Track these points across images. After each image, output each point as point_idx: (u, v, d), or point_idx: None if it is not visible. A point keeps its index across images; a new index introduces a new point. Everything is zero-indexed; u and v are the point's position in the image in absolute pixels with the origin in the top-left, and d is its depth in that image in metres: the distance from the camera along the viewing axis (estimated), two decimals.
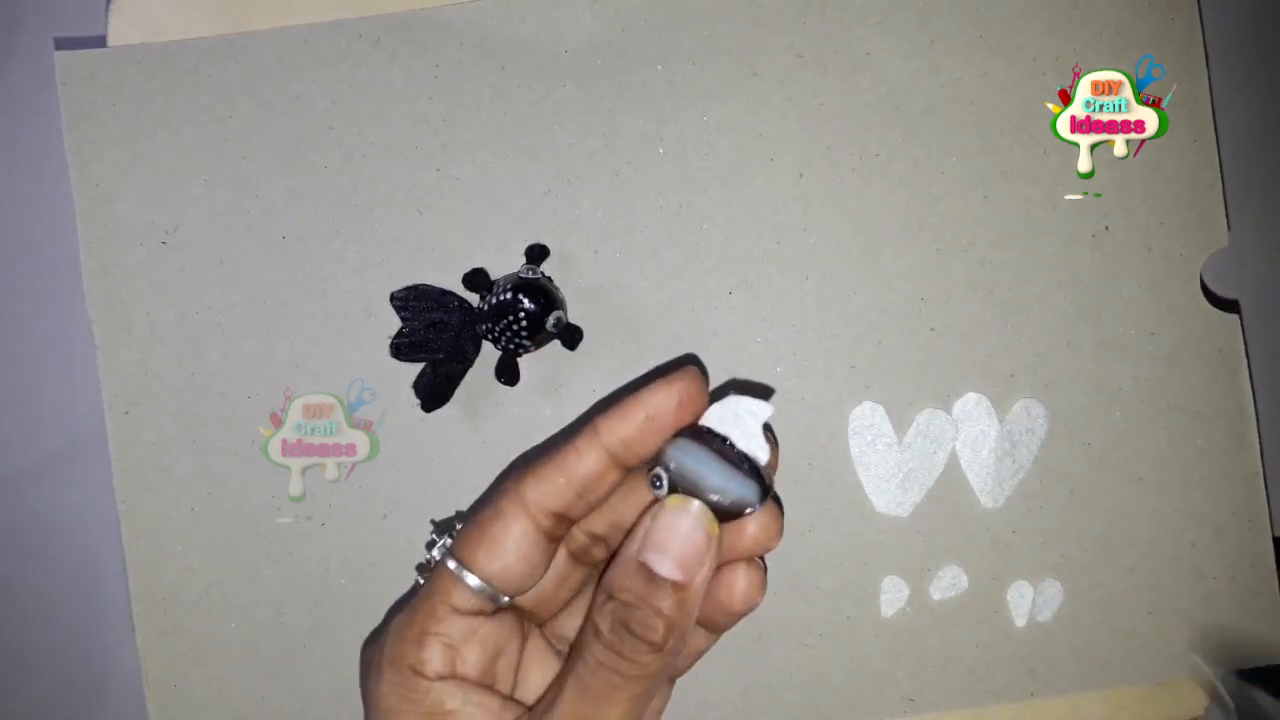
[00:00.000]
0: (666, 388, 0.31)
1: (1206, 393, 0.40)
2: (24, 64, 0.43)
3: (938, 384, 0.40)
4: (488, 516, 0.31)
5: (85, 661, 0.43)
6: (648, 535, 0.30)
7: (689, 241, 0.40)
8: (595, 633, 0.29)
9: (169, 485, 0.40)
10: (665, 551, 0.29)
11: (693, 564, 0.30)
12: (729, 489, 0.30)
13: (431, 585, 0.32)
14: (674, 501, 0.30)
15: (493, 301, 0.38)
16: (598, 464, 0.31)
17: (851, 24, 0.40)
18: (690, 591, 0.30)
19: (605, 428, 0.31)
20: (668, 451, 0.30)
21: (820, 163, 0.40)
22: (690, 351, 0.40)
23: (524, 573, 0.31)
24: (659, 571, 0.29)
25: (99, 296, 0.40)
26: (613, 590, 0.30)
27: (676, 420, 0.31)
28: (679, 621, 0.30)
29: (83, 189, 0.40)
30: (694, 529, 0.30)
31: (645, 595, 0.29)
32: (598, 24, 0.40)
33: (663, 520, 0.30)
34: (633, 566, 0.30)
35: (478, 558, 0.31)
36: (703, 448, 0.30)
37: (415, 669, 0.30)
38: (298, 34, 0.40)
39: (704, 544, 0.30)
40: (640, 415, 0.31)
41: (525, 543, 0.31)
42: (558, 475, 0.31)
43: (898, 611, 0.40)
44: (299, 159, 0.40)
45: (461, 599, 0.31)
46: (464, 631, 0.31)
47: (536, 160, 0.40)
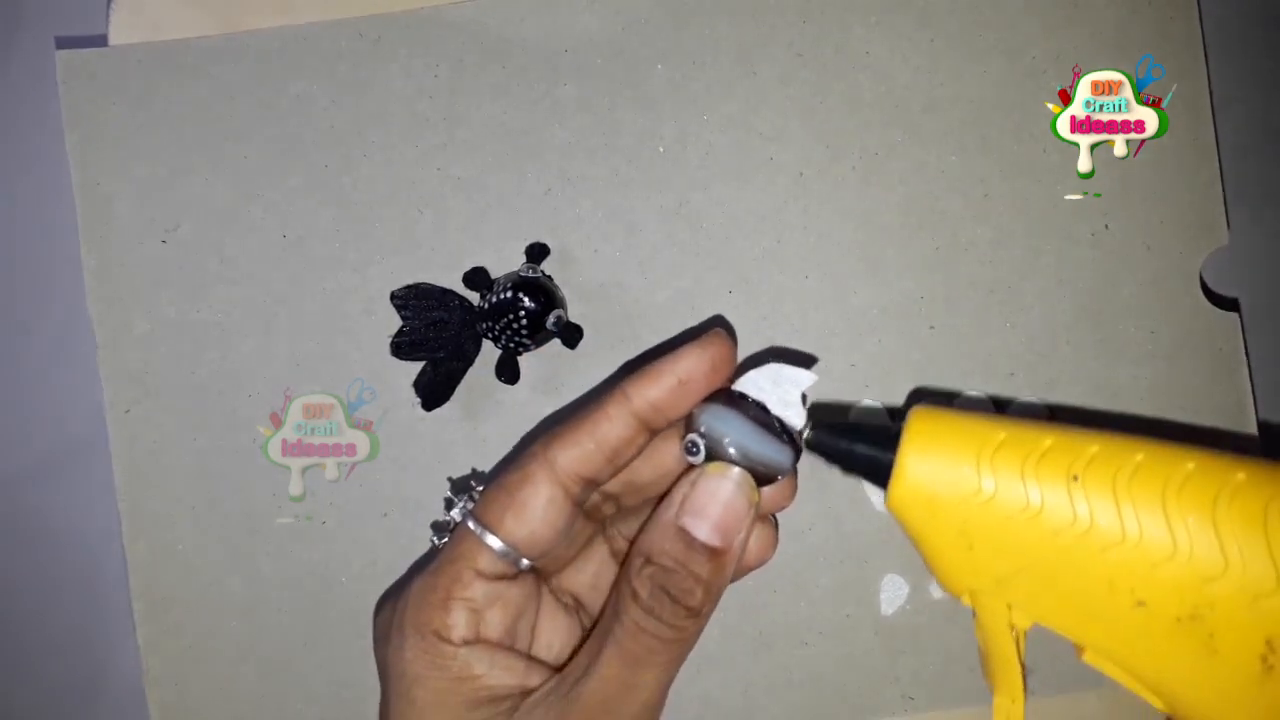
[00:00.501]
0: (699, 351, 0.31)
1: (1206, 392, 0.40)
2: (25, 63, 0.43)
3: (937, 383, 0.40)
4: (515, 480, 0.31)
5: (86, 661, 0.43)
6: (687, 500, 0.30)
7: (689, 240, 0.40)
8: (633, 596, 0.29)
9: (169, 485, 0.40)
10: (705, 517, 0.30)
11: (732, 530, 0.30)
12: (767, 455, 0.30)
13: (455, 549, 0.31)
14: (715, 468, 0.30)
15: (493, 300, 0.38)
16: (627, 428, 0.31)
17: (851, 23, 0.40)
18: (728, 557, 0.30)
19: (635, 391, 0.31)
20: (700, 418, 0.30)
21: (820, 161, 0.40)
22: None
23: (550, 537, 0.31)
24: (698, 537, 0.30)
25: (99, 296, 0.40)
26: (651, 554, 0.30)
27: (708, 384, 0.31)
28: (716, 586, 0.30)
29: (83, 188, 0.40)
30: (736, 496, 0.30)
31: (684, 560, 0.29)
32: (598, 23, 0.40)
33: (704, 486, 0.30)
34: (672, 531, 0.30)
35: (505, 522, 0.31)
36: (739, 413, 0.30)
37: (441, 634, 0.30)
38: (298, 33, 0.40)
39: (745, 511, 0.30)
40: (672, 379, 0.30)
41: (553, 508, 0.31)
42: (588, 440, 0.31)
43: (898, 610, 0.40)
44: (299, 158, 0.40)
45: (486, 563, 0.31)
46: (488, 595, 0.31)
47: (536, 159, 0.40)
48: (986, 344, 0.40)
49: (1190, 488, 0.27)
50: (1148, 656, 0.28)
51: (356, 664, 0.40)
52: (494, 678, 0.30)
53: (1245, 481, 0.27)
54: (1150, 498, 0.27)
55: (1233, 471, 0.27)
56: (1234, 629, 0.26)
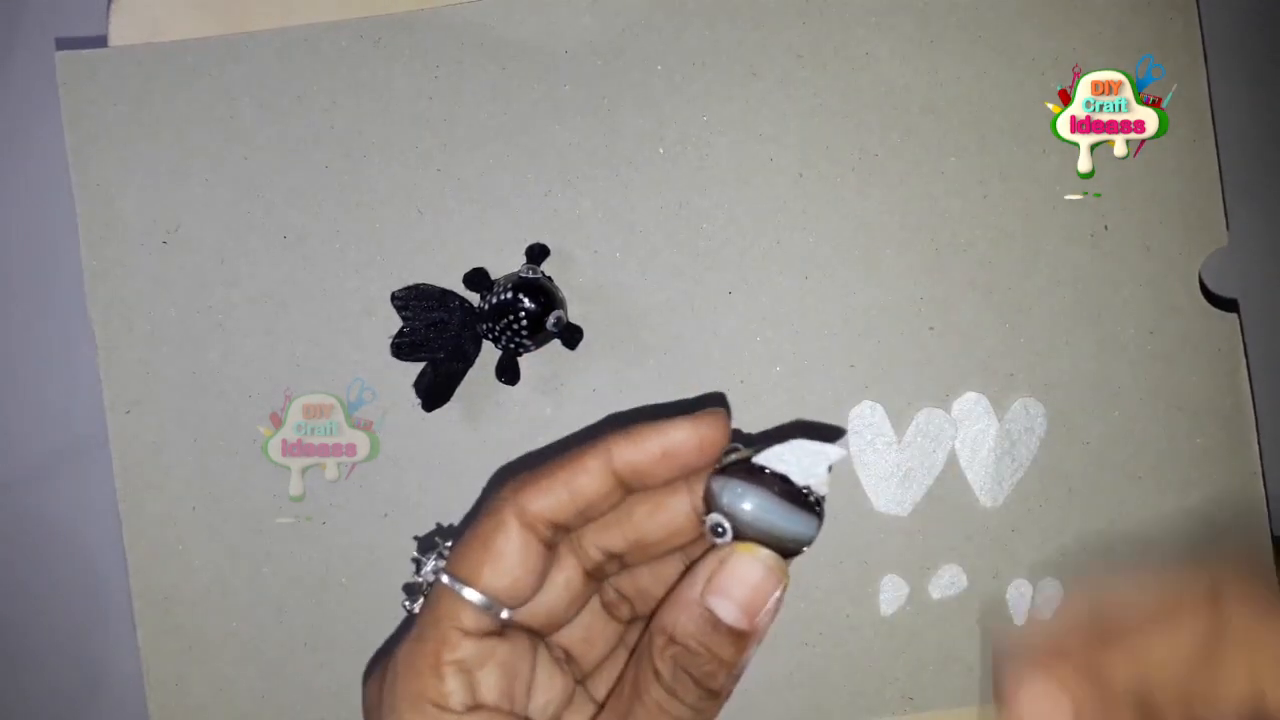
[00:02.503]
0: (691, 427, 0.29)
1: (1206, 392, 0.40)
2: (25, 64, 0.43)
3: (937, 383, 0.40)
4: (488, 529, 0.30)
5: (86, 661, 0.43)
6: (714, 579, 0.29)
7: (689, 241, 0.40)
8: (656, 676, 0.29)
9: (170, 485, 0.40)
10: (733, 599, 0.29)
11: (759, 612, 0.29)
12: (795, 530, 0.29)
13: (435, 610, 0.30)
14: (744, 548, 0.29)
15: (493, 301, 0.38)
16: (604, 485, 0.30)
17: (851, 24, 0.40)
18: (754, 639, 0.29)
19: (618, 451, 0.30)
20: (722, 495, 0.29)
21: (820, 162, 0.40)
22: (692, 353, 0.40)
23: (528, 585, 0.30)
24: (725, 620, 0.29)
25: (100, 296, 0.40)
26: (675, 635, 0.29)
27: (692, 462, 0.30)
28: (739, 668, 0.29)
29: (83, 189, 0.40)
30: (766, 579, 0.29)
31: (709, 643, 0.28)
32: (598, 24, 0.40)
33: (732, 567, 0.29)
34: (697, 611, 0.29)
35: (482, 574, 0.29)
36: (763, 489, 0.29)
37: (438, 704, 0.29)
38: (298, 34, 0.40)
39: (773, 592, 0.29)
40: (657, 448, 0.29)
41: (531, 555, 0.30)
42: (562, 490, 0.30)
43: (897, 610, 0.40)
44: (300, 159, 0.40)
45: (470, 620, 0.29)
46: (478, 654, 0.29)
47: (537, 160, 0.40)
48: (986, 344, 0.40)
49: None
50: None
51: (356, 664, 0.40)
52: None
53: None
54: None
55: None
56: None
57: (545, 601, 0.32)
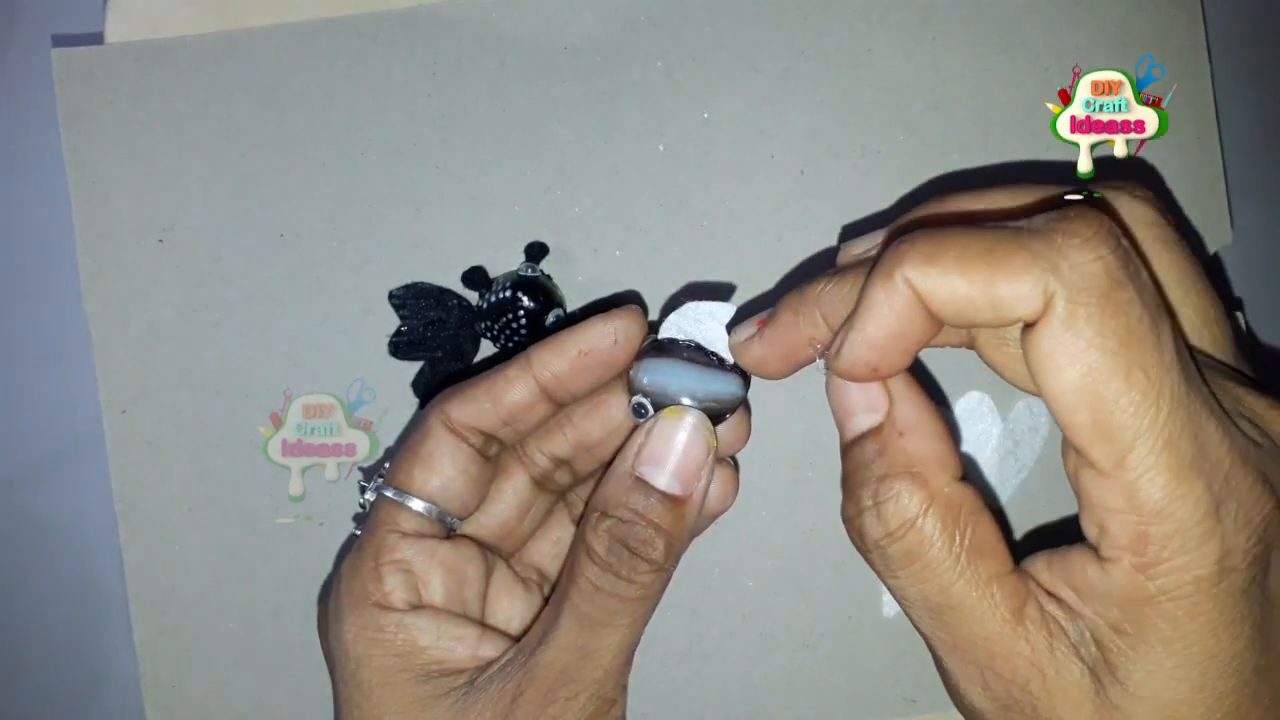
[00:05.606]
0: (603, 323, 0.30)
1: None
2: (21, 61, 0.43)
3: (939, 383, 0.40)
4: (415, 439, 0.31)
5: (83, 661, 0.42)
6: (642, 449, 0.29)
7: (689, 239, 0.40)
8: (589, 554, 0.28)
9: (167, 485, 0.40)
10: (662, 464, 0.28)
11: (693, 475, 0.29)
12: (716, 390, 0.29)
13: (375, 518, 0.30)
14: (669, 413, 0.29)
15: (492, 299, 0.38)
16: (527, 394, 0.30)
17: (853, 21, 0.40)
18: (690, 505, 0.29)
19: (538, 359, 0.30)
20: (639, 375, 0.30)
21: (821, 160, 0.40)
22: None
23: (465, 488, 0.30)
24: (657, 485, 0.28)
25: (96, 295, 0.40)
26: (607, 507, 0.28)
27: (611, 358, 0.30)
28: (678, 537, 0.28)
29: (79, 187, 0.40)
30: (693, 439, 0.29)
31: (643, 510, 0.28)
32: (598, 20, 0.40)
33: (658, 432, 0.29)
34: (628, 482, 0.28)
35: (414, 478, 0.30)
36: (674, 359, 0.29)
37: (380, 603, 0.29)
38: (295, 31, 0.40)
39: (703, 454, 0.29)
40: (574, 349, 0.30)
41: (461, 456, 0.30)
42: (484, 399, 0.30)
43: (899, 612, 0.40)
44: (297, 156, 0.40)
45: (408, 522, 0.30)
46: (420, 555, 0.30)
47: (536, 157, 0.40)
48: None
49: None
50: None
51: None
52: (442, 649, 0.29)
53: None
54: None
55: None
56: None
57: (496, 513, 0.32)
